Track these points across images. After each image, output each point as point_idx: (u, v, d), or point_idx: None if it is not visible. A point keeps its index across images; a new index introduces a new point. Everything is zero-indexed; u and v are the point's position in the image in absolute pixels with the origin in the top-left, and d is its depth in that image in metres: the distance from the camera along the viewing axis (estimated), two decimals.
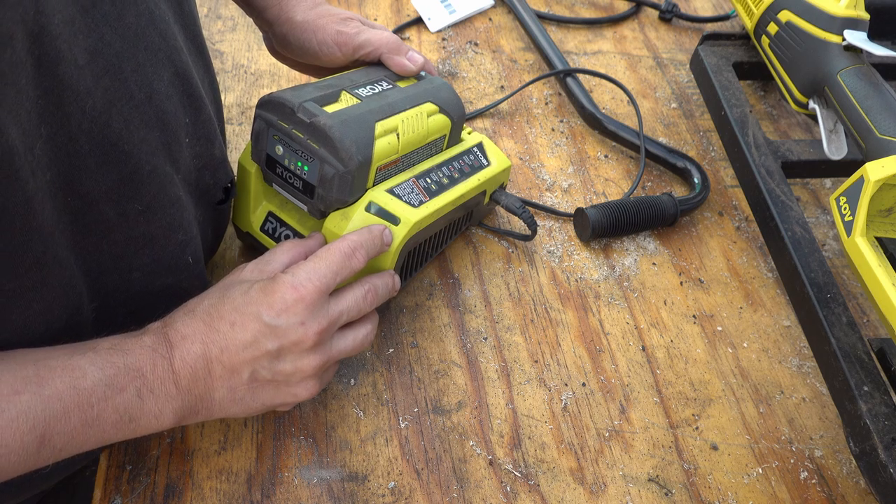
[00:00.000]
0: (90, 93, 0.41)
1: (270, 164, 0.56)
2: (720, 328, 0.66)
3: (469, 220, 0.69)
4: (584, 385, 0.61)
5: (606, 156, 0.79)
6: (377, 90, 0.59)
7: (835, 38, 0.64)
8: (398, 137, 0.57)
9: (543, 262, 0.69)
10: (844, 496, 0.57)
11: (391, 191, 0.57)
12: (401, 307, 0.65)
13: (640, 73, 0.89)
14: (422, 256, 0.64)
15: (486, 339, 0.63)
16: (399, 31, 0.90)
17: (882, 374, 0.54)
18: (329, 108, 0.54)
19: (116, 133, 0.44)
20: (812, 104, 0.67)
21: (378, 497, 0.53)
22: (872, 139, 0.57)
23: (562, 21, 0.94)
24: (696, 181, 0.75)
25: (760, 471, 0.58)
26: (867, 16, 0.65)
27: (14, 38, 0.35)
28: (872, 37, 0.64)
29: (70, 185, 0.42)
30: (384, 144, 0.55)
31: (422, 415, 0.58)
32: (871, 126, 0.58)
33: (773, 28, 0.70)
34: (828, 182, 0.79)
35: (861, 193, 0.53)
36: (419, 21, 0.91)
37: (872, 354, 0.55)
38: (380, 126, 0.55)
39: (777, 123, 0.85)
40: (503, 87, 0.85)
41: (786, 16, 0.68)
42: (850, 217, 0.54)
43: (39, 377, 0.41)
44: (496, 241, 0.71)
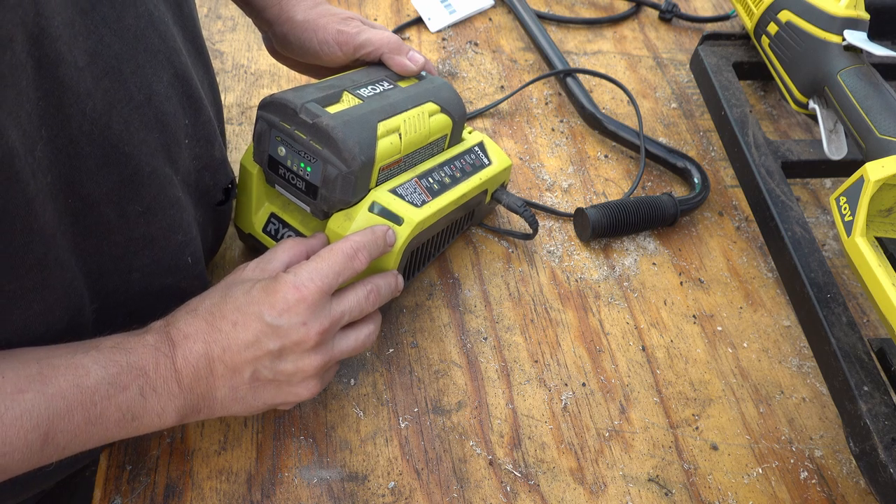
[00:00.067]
0: (90, 94, 0.41)
1: (273, 166, 0.56)
2: (720, 328, 0.66)
3: (470, 220, 0.69)
4: (584, 385, 0.61)
5: (606, 156, 0.79)
6: (378, 90, 0.59)
7: (835, 38, 0.64)
8: (400, 137, 0.57)
9: (543, 262, 0.69)
10: (844, 496, 0.57)
11: (394, 191, 0.57)
12: (401, 307, 0.65)
13: (640, 73, 0.89)
14: (424, 256, 0.64)
15: (486, 339, 0.63)
16: (399, 31, 0.90)
17: (882, 374, 0.54)
18: (331, 109, 0.54)
19: (117, 135, 0.44)
20: (812, 104, 0.67)
21: (378, 497, 0.54)
22: (872, 139, 0.58)
23: (562, 21, 0.94)
24: (696, 181, 0.75)
25: (760, 471, 0.58)
26: (867, 16, 0.65)
27: (14, 41, 0.35)
28: (872, 37, 0.64)
29: (71, 187, 0.42)
30: (387, 144, 0.55)
31: (422, 415, 0.58)
32: (871, 126, 0.58)
33: (773, 28, 0.70)
34: (828, 182, 0.79)
35: (861, 193, 0.53)
36: (419, 21, 0.91)
37: (872, 354, 0.55)
38: (382, 126, 0.55)
39: (777, 123, 0.85)
40: (503, 87, 0.85)
41: (786, 16, 0.68)
42: (850, 217, 0.54)
43: (43, 375, 0.41)
44: (496, 241, 0.71)
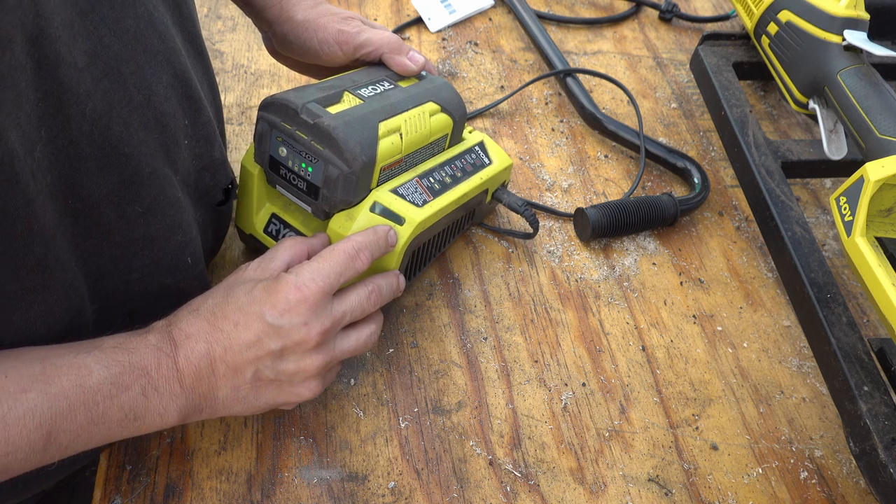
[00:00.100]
0: (90, 95, 0.41)
1: (274, 166, 0.56)
2: (720, 328, 0.66)
3: (471, 220, 0.69)
4: (584, 385, 0.61)
5: (606, 156, 0.79)
6: (379, 90, 0.59)
7: (835, 38, 0.64)
8: (401, 137, 0.57)
9: (543, 262, 0.69)
10: (844, 496, 0.57)
11: (395, 191, 0.57)
12: (401, 307, 0.65)
13: (640, 73, 0.89)
14: (425, 256, 0.64)
15: (486, 339, 0.63)
16: (399, 31, 0.90)
17: (882, 374, 0.54)
18: (332, 109, 0.54)
19: (116, 135, 0.44)
20: (812, 104, 0.67)
21: (378, 497, 0.54)
22: (872, 139, 0.58)
23: (562, 21, 0.94)
24: (696, 181, 0.75)
25: (760, 471, 0.58)
26: (867, 16, 0.65)
27: (13, 42, 0.35)
28: (872, 37, 0.64)
29: (71, 188, 0.43)
30: (388, 144, 0.55)
31: (422, 415, 0.58)
32: (871, 126, 0.58)
33: (773, 28, 0.70)
34: (828, 182, 0.79)
35: (861, 193, 0.53)
36: (419, 21, 0.91)
37: (872, 354, 0.55)
38: (383, 126, 0.55)
39: (777, 123, 0.85)
40: (503, 87, 0.85)
41: (786, 16, 0.68)
42: (850, 217, 0.54)
43: (46, 375, 0.41)
44: (496, 241, 0.71)
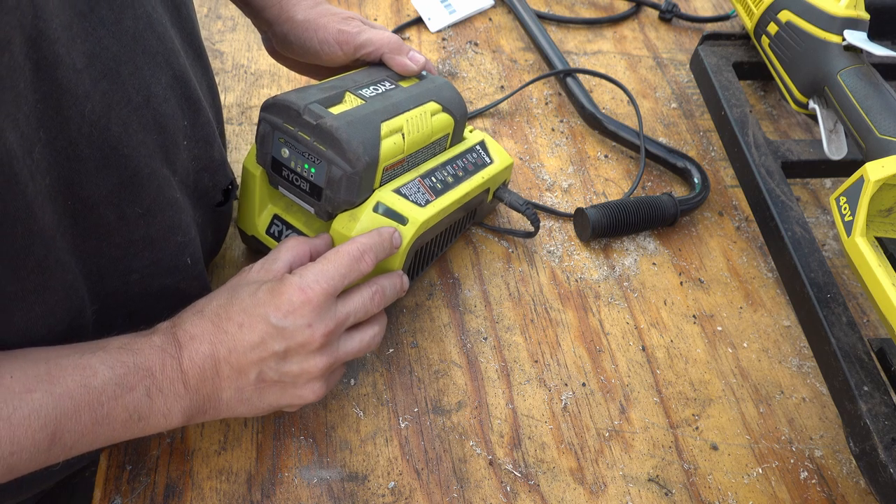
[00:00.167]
0: (89, 96, 0.41)
1: (276, 167, 0.56)
2: (720, 328, 0.66)
3: (472, 219, 0.69)
4: (584, 385, 0.61)
5: (606, 156, 0.79)
6: (381, 90, 0.59)
7: (835, 38, 0.64)
8: (403, 137, 0.57)
9: (543, 262, 0.69)
10: (844, 496, 0.57)
11: (398, 191, 0.57)
12: (401, 307, 0.65)
13: (640, 73, 0.89)
14: (428, 256, 0.64)
15: (486, 339, 0.63)
16: (399, 31, 0.90)
17: (882, 374, 0.54)
18: (334, 110, 0.54)
19: (115, 136, 0.44)
20: (812, 104, 0.67)
21: (378, 497, 0.54)
22: (872, 139, 0.57)
23: (562, 21, 0.94)
24: (696, 181, 0.75)
25: (760, 471, 0.58)
26: (867, 16, 0.65)
27: (12, 43, 0.35)
28: (872, 37, 0.64)
29: (70, 189, 0.43)
30: (390, 144, 0.55)
31: (422, 415, 0.58)
32: (871, 126, 0.58)
33: (773, 28, 0.70)
34: (828, 182, 0.79)
35: (861, 193, 0.53)
36: (419, 21, 0.91)
37: (872, 354, 0.55)
38: (385, 126, 0.55)
39: (777, 123, 0.85)
40: (503, 87, 0.85)
41: (786, 16, 0.68)
42: (850, 217, 0.54)
43: (51, 375, 0.41)
44: (496, 241, 0.71)
